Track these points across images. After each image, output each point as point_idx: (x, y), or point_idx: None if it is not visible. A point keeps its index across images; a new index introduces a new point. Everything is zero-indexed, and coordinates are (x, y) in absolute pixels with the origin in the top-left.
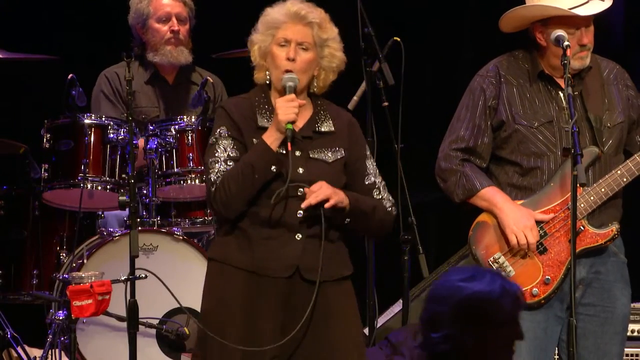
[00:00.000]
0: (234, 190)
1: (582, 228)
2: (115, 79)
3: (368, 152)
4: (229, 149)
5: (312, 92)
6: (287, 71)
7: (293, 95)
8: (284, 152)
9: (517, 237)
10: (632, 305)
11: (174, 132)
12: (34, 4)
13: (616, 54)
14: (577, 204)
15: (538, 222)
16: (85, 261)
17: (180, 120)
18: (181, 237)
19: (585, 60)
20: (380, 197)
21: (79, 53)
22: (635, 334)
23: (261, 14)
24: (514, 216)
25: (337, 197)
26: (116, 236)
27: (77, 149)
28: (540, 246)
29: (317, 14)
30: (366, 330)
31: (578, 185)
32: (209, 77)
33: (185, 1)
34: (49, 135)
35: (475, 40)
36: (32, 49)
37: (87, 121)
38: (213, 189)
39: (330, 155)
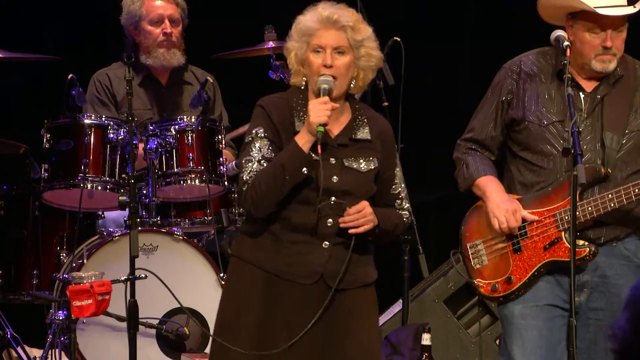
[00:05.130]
0: (264, 190)
1: (559, 239)
2: (105, 80)
3: (398, 160)
4: (264, 150)
5: (350, 94)
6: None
7: (327, 98)
8: (313, 154)
9: (498, 220)
10: None
11: (174, 132)
12: (34, 4)
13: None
14: (562, 216)
15: (522, 221)
16: (85, 261)
17: (180, 120)
18: (181, 237)
19: (607, 65)
20: (401, 207)
21: (79, 53)
22: None
23: (294, 21)
24: (497, 201)
25: (371, 224)
26: (116, 236)
27: (77, 149)
28: (516, 244)
29: (349, 17)
30: None
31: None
32: (208, 77)
33: (178, 2)
34: (49, 135)
35: (475, 40)
36: (32, 49)
37: (87, 121)
38: (245, 188)
39: (364, 164)
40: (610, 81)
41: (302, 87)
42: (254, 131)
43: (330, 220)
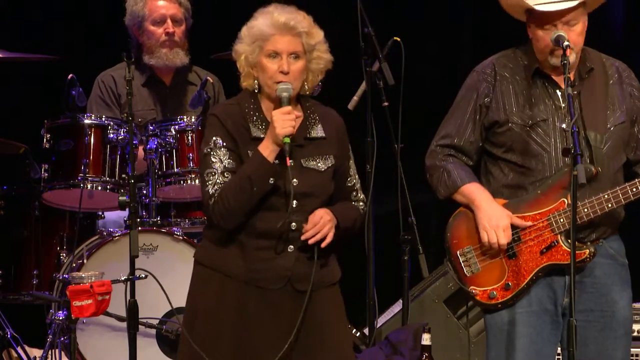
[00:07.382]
0: (232, 204)
1: (556, 243)
2: (110, 82)
3: (350, 152)
4: (225, 160)
5: (300, 95)
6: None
7: (289, 108)
8: (278, 162)
9: (488, 236)
10: (632, 305)
11: (173, 132)
12: (34, 4)
13: (616, 52)
14: (557, 219)
15: (514, 227)
16: (85, 261)
17: (180, 120)
18: (181, 237)
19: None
20: (357, 198)
21: (79, 53)
22: (636, 334)
23: (245, 24)
24: (489, 214)
25: (332, 230)
26: (116, 236)
27: (77, 149)
28: (510, 250)
29: (305, 22)
30: (366, 330)
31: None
32: (208, 77)
33: (181, 2)
34: (49, 135)
35: (475, 40)
36: (32, 49)
37: (87, 121)
38: (211, 201)
39: (321, 163)
40: (583, 75)
41: (255, 91)
42: (211, 141)
43: (294, 224)
